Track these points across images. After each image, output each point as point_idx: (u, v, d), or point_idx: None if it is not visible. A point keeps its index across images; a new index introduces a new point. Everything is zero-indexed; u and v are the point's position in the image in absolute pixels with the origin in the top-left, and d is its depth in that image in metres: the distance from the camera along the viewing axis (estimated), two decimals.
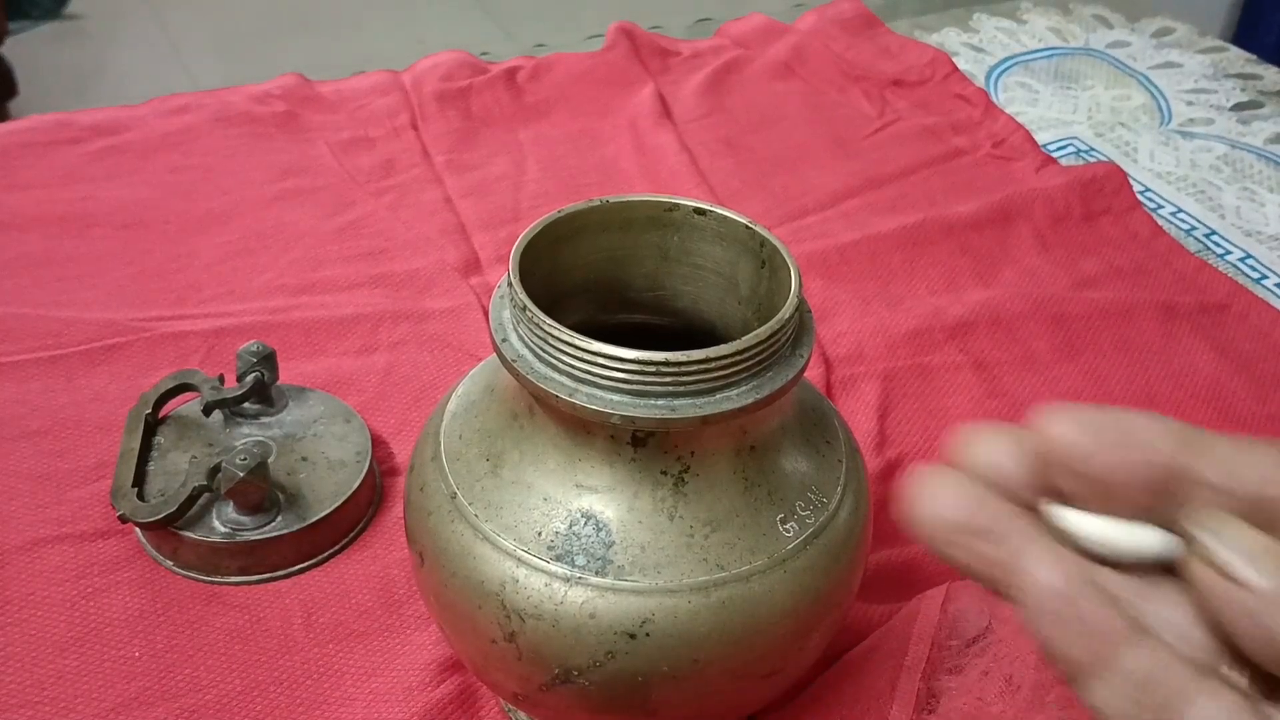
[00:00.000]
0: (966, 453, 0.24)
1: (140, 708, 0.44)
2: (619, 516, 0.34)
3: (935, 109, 0.89)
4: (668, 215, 0.39)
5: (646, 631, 0.34)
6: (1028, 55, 1.00)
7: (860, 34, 0.97)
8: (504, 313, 0.35)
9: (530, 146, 0.81)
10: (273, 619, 0.48)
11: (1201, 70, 0.98)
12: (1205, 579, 0.21)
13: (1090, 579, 0.21)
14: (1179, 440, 0.22)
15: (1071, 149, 0.87)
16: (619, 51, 0.91)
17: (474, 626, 0.36)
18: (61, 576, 0.48)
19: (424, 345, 0.63)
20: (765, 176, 0.80)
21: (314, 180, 0.76)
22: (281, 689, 0.45)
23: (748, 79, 0.91)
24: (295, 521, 0.49)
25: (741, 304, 0.39)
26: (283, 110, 0.82)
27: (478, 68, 0.88)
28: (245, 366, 0.53)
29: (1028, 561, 0.22)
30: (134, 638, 0.46)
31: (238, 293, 0.65)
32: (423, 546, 0.37)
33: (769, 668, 0.36)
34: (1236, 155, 0.86)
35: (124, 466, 0.50)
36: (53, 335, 0.60)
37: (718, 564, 0.34)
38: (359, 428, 0.54)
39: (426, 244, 0.70)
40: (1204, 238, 0.78)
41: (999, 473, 0.23)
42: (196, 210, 0.72)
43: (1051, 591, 0.21)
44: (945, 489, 0.23)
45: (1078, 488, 0.22)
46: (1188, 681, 0.21)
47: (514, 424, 0.36)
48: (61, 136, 0.78)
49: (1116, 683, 0.21)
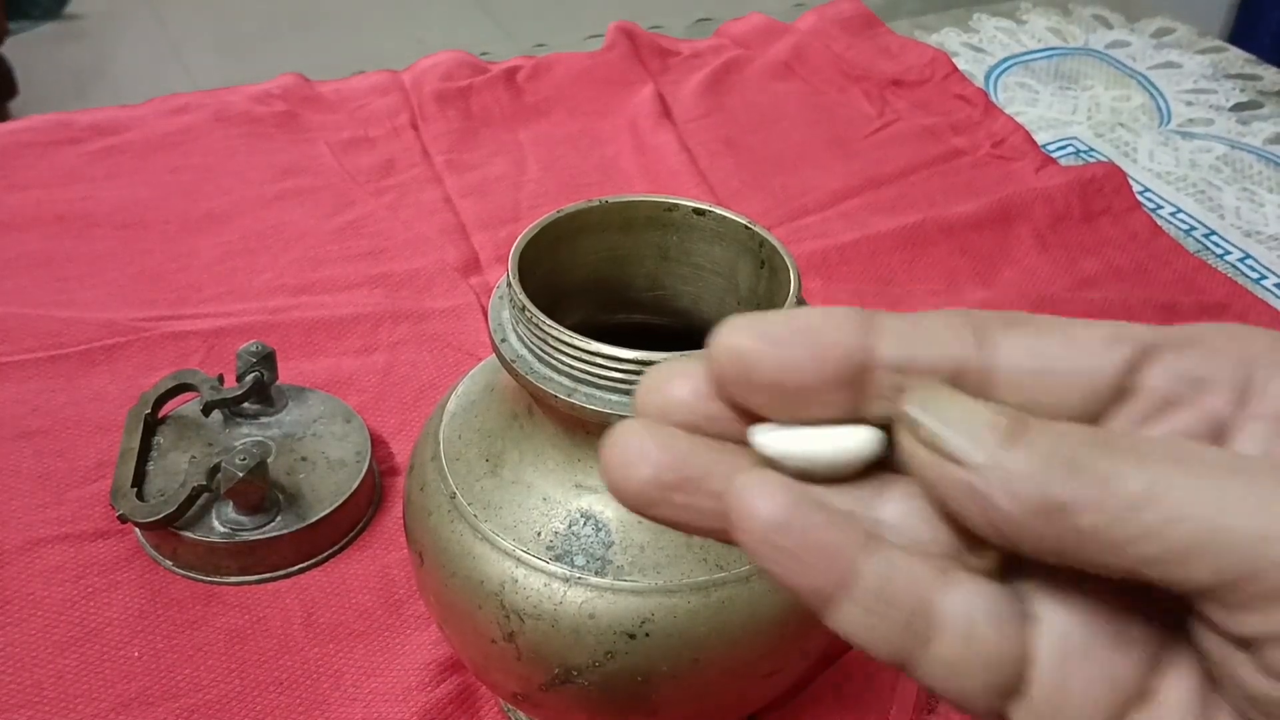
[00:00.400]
0: (651, 399, 0.21)
1: (140, 708, 0.44)
2: (618, 516, 0.34)
3: (935, 109, 0.89)
4: (667, 215, 0.39)
5: (646, 631, 0.34)
6: (1027, 55, 1.00)
7: (860, 34, 0.97)
8: (503, 313, 0.35)
9: (530, 146, 0.81)
10: (272, 619, 0.48)
11: (1201, 70, 0.98)
12: (917, 458, 0.19)
13: (809, 499, 0.20)
14: (855, 328, 0.19)
15: (1071, 149, 0.87)
16: (619, 51, 0.91)
17: (473, 626, 0.36)
18: (61, 576, 0.48)
19: (424, 345, 0.63)
20: (765, 176, 0.80)
21: (314, 180, 0.76)
22: (281, 689, 0.45)
23: (747, 79, 0.91)
24: (295, 521, 0.49)
25: (741, 304, 0.39)
26: (283, 110, 0.82)
27: (477, 67, 0.88)
28: (245, 366, 0.53)
29: (739, 499, 0.19)
30: (133, 638, 0.46)
31: (237, 293, 0.65)
32: (422, 546, 0.37)
33: (769, 667, 0.36)
34: (1236, 155, 0.86)
35: (124, 466, 0.50)
36: (53, 335, 0.60)
37: (717, 564, 0.34)
38: (358, 428, 0.54)
39: (426, 244, 0.70)
40: (1203, 238, 0.78)
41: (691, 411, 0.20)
42: (196, 210, 0.72)
43: (770, 524, 0.19)
44: (632, 445, 0.20)
45: (766, 400, 0.20)
46: (930, 580, 0.19)
47: (513, 424, 0.36)
48: (61, 136, 0.78)
49: (858, 599, 0.20)
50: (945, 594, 0.20)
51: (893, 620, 0.20)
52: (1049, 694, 0.19)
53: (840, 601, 0.20)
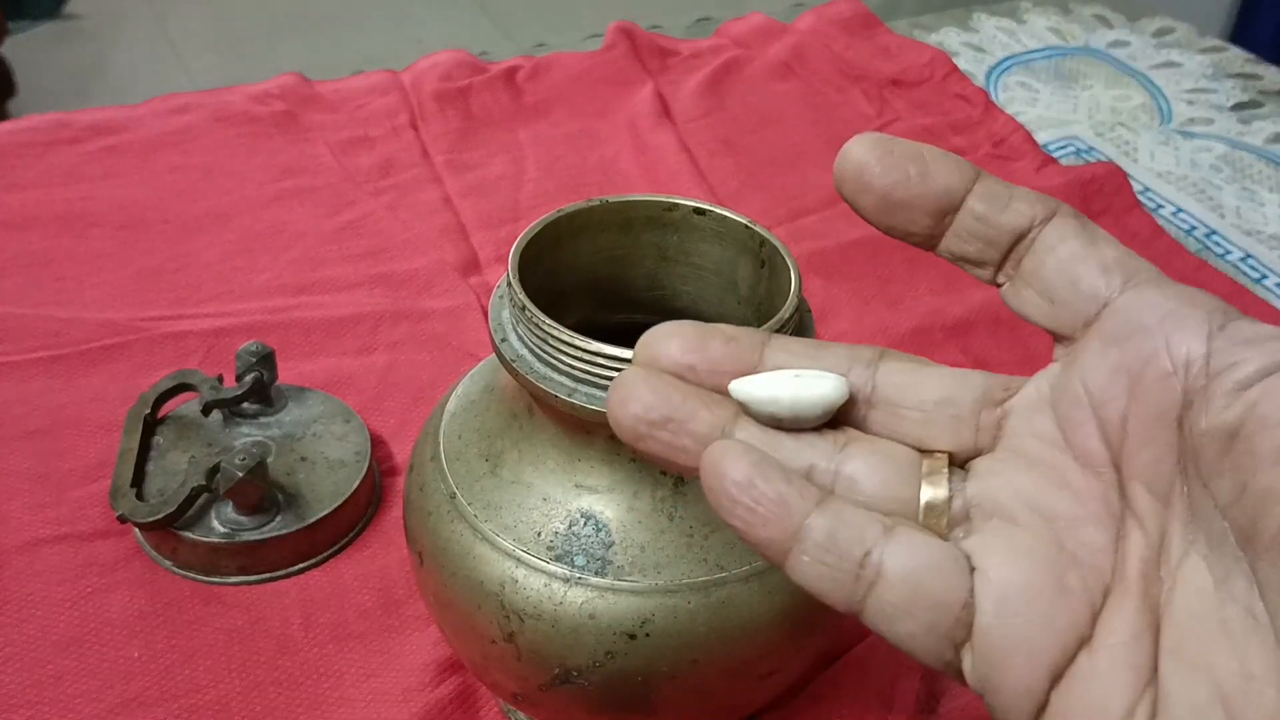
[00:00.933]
0: (644, 352, 0.24)
1: (139, 708, 0.44)
2: (618, 517, 0.34)
3: (935, 109, 0.89)
4: (667, 215, 0.39)
5: (646, 632, 0.34)
6: (1027, 55, 1.00)
7: (859, 34, 0.97)
8: (503, 312, 0.35)
9: (530, 146, 0.81)
10: (272, 619, 0.48)
11: (1201, 70, 0.98)
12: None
13: (769, 463, 0.22)
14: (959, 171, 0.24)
15: (1071, 149, 0.87)
16: (618, 51, 0.91)
17: (473, 627, 0.36)
18: (60, 577, 0.48)
19: (423, 345, 0.62)
20: (765, 176, 0.80)
21: (313, 180, 0.76)
22: (280, 689, 0.45)
23: (747, 79, 0.91)
24: (294, 522, 0.49)
25: (741, 304, 0.39)
26: (282, 110, 0.82)
27: (477, 67, 0.88)
28: (244, 366, 0.53)
29: (710, 460, 0.22)
30: (133, 638, 0.46)
31: (237, 292, 0.65)
32: (422, 546, 0.37)
33: (768, 668, 0.36)
34: (1236, 155, 0.86)
35: (123, 466, 0.50)
36: (52, 335, 0.60)
37: (717, 564, 0.34)
38: (358, 428, 0.54)
39: (426, 244, 0.70)
40: (1204, 238, 0.78)
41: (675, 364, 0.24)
42: (196, 210, 0.72)
43: (733, 484, 0.22)
44: (633, 386, 0.23)
45: (869, 203, 0.24)
46: (876, 533, 0.22)
47: (513, 424, 0.36)
48: (61, 136, 0.78)
49: (808, 550, 0.22)
50: (890, 545, 0.22)
51: (842, 569, 0.22)
52: (994, 640, 0.22)
53: (794, 552, 0.22)
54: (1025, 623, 0.21)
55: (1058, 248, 0.23)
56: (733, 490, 0.22)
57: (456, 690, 0.44)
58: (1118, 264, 0.23)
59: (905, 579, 0.22)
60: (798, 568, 0.22)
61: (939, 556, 0.22)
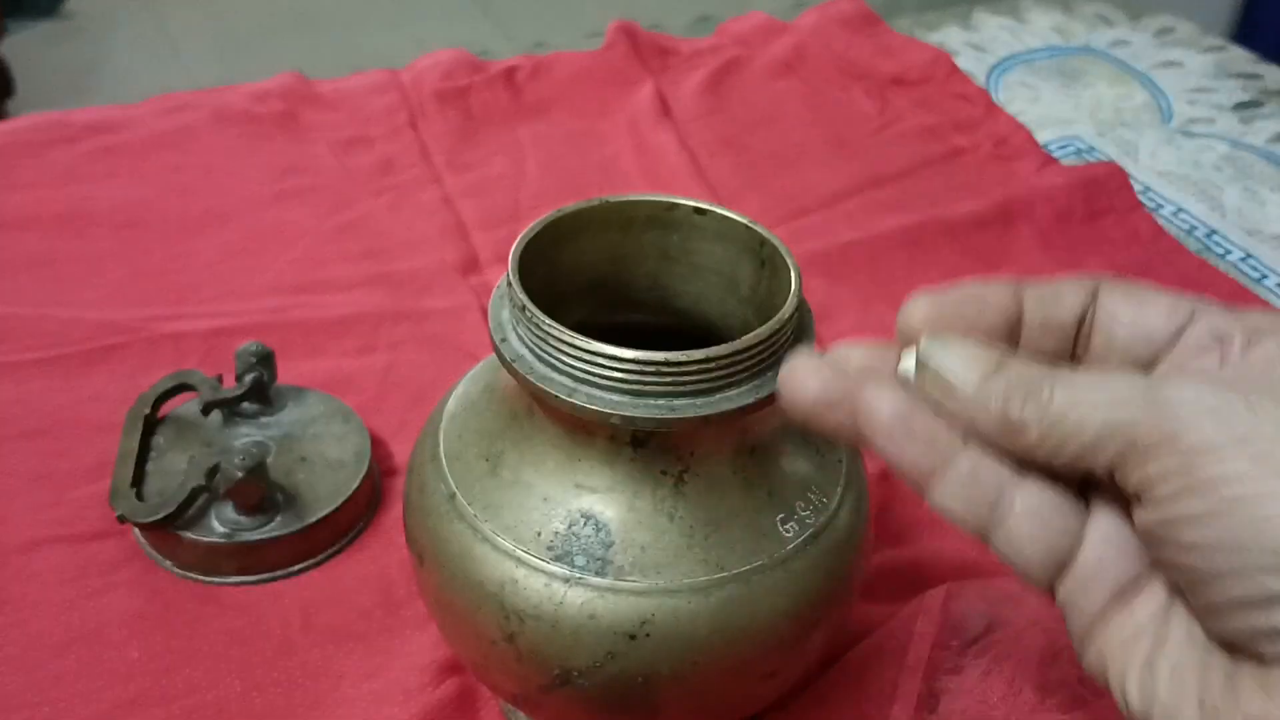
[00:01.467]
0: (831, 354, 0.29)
1: (139, 709, 0.44)
2: (619, 517, 0.34)
3: (936, 108, 0.88)
4: (668, 215, 0.39)
5: (647, 632, 0.34)
6: (1029, 54, 1.00)
7: (861, 32, 0.97)
8: (503, 312, 0.35)
9: (530, 146, 0.81)
10: (271, 620, 0.48)
11: (1203, 69, 0.98)
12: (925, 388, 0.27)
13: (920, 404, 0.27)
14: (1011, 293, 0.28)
15: (1073, 148, 0.87)
16: (619, 50, 0.91)
17: (473, 627, 0.36)
18: (60, 577, 0.48)
19: (423, 345, 0.62)
20: (765, 176, 0.80)
21: (313, 180, 0.76)
22: (280, 690, 0.45)
23: (748, 78, 0.91)
24: (294, 522, 0.49)
25: (742, 304, 0.39)
26: (281, 109, 0.82)
27: (477, 67, 0.88)
28: (244, 366, 0.53)
29: (867, 401, 0.27)
30: (132, 639, 0.46)
31: (237, 292, 0.65)
32: (422, 547, 0.37)
33: (769, 668, 0.36)
34: (1238, 155, 0.86)
35: (122, 467, 0.50)
36: (52, 335, 0.60)
37: (718, 564, 0.34)
38: (358, 428, 0.54)
39: (426, 243, 0.70)
40: (1205, 237, 0.78)
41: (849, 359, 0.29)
42: (195, 210, 0.72)
43: (890, 415, 0.26)
44: (804, 375, 0.28)
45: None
46: (1009, 477, 0.26)
47: (513, 424, 0.36)
48: (59, 136, 0.77)
49: (951, 481, 0.26)
50: (1021, 485, 0.26)
51: (979, 499, 0.26)
52: (1088, 566, 0.27)
53: (940, 480, 0.26)
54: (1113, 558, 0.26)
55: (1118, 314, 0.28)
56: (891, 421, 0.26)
57: (456, 691, 0.44)
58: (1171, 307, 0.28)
59: (1031, 514, 0.26)
60: (941, 494, 0.26)
61: (1060, 500, 0.26)
